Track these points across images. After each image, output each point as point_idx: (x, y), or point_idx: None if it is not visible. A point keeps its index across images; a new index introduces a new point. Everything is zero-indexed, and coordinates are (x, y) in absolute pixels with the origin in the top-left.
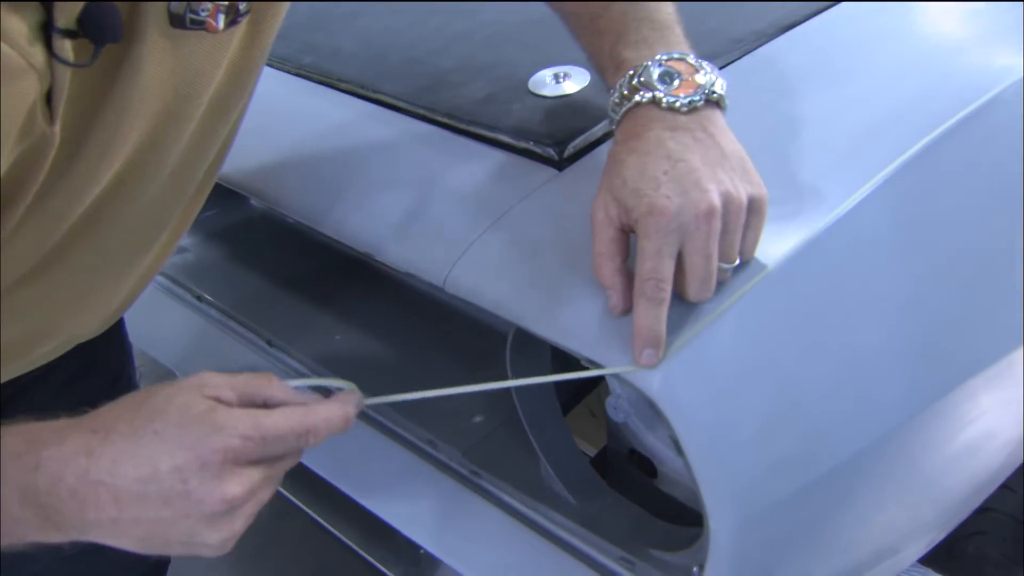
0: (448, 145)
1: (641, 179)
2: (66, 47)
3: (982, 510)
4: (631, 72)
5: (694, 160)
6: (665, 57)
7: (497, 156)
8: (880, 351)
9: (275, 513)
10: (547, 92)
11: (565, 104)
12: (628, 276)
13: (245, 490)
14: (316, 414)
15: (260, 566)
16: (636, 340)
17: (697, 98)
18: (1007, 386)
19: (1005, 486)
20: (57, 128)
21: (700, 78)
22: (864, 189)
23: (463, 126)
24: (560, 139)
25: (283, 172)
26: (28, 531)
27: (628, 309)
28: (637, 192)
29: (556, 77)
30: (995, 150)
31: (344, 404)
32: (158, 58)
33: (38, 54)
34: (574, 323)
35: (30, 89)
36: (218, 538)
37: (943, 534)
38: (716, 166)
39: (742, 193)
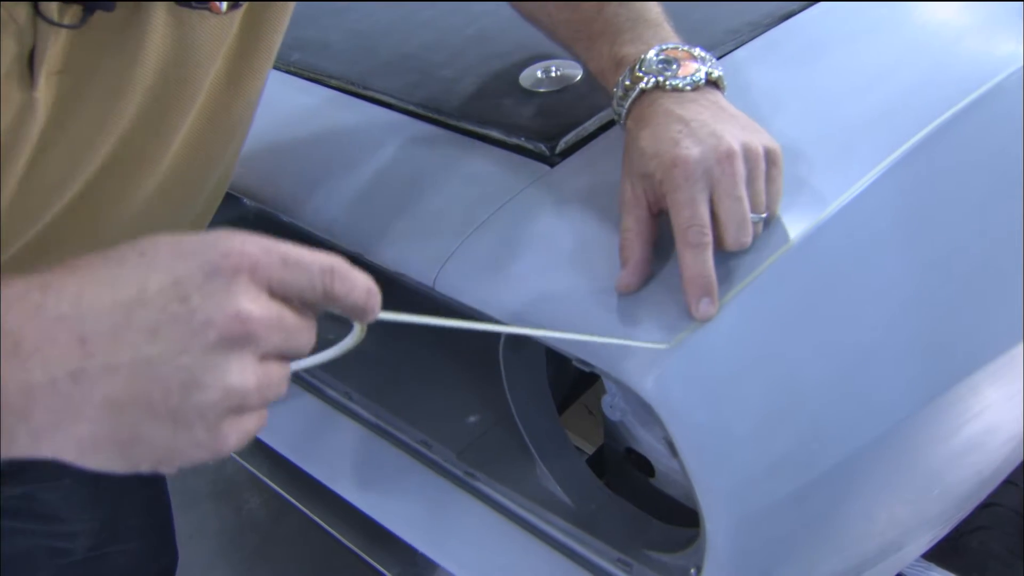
0: (438, 141)
1: (659, 143)
2: (52, 8)
3: (985, 505)
4: (632, 64)
5: (707, 117)
6: (663, 47)
7: (488, 152)
8: (880, 346)
9: (273, 513)
10: (539, 87)
11: (557, 99)
12: (649, 256)
13: (264, 314)
14: (343, 263)
15: (258, 566)
16: (691, 292)
17: (699, 78)
18: (1010, 380)
19: (1009, 481)
20: (39, 95)
21: (698, 63)
22: (863, 182)
23: (453, 122)
24: (552, 135)
25: (272, 170)
26: None
27: (639, 285)
28: (657, 155)
29: (548, 71)
30: (996, 140)
31: (368, 278)
32: (160, 33)
33: (21, 11)
34: (566, 324)
35: (7, 47)
36: (239, 378)
37: (947, 529)
38: (727, 123)
39: (757, 142)
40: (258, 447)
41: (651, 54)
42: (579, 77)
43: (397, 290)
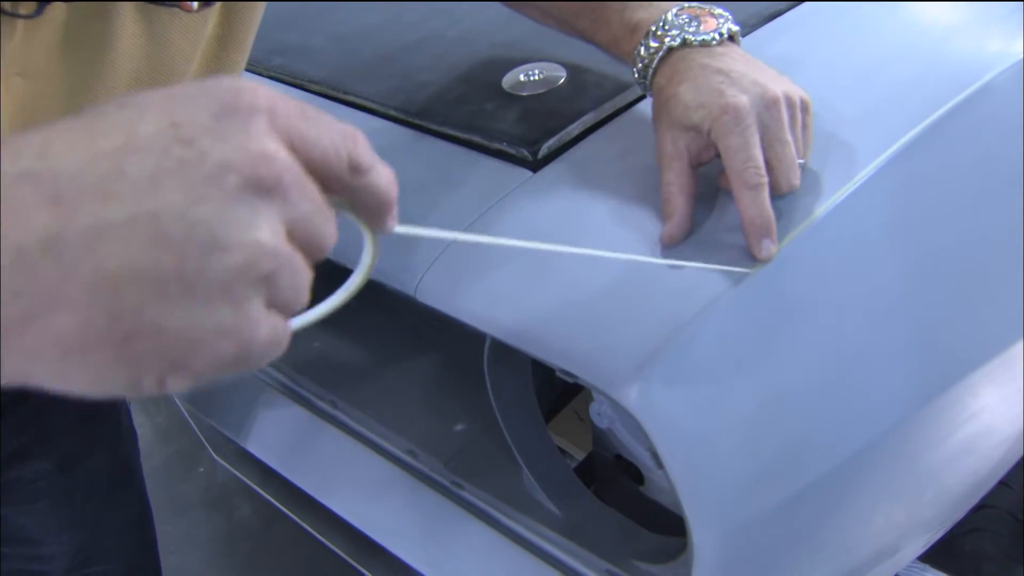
0: (419, 147)
1: (702, 95)
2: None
3: (980, 507)
4: (652, 27)
5: (743, 68)
6: (682, 6)
7: (470, 157)
8: (871, 351)
9: (264, 521)
10: (521, 90)
11: (540, 102)
12: (693, 209)
13: (295, 167)
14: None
15: (249, 574)
16: (752, 232)
17: (722, 32)
18: (1004, 381)
19: (1003, 483)
20: None
21: (716, 19)
22: (851, 183)
23: (435, 127)
24: (534, 139)
25: None
26: None
27: (683, 238)
28: (703, 106)
29: (530, 75)
30: (989, 138)
31: (390, 170)
32: (130, 32)
33: None
34: (548, 333)
35: None
36: (265, 228)
37: (941, 532)
38: (763, 72)
39: (793, 91)
40: (248, 455)
41: (670, 14)
42: (562, 80)
43: (384, 297)
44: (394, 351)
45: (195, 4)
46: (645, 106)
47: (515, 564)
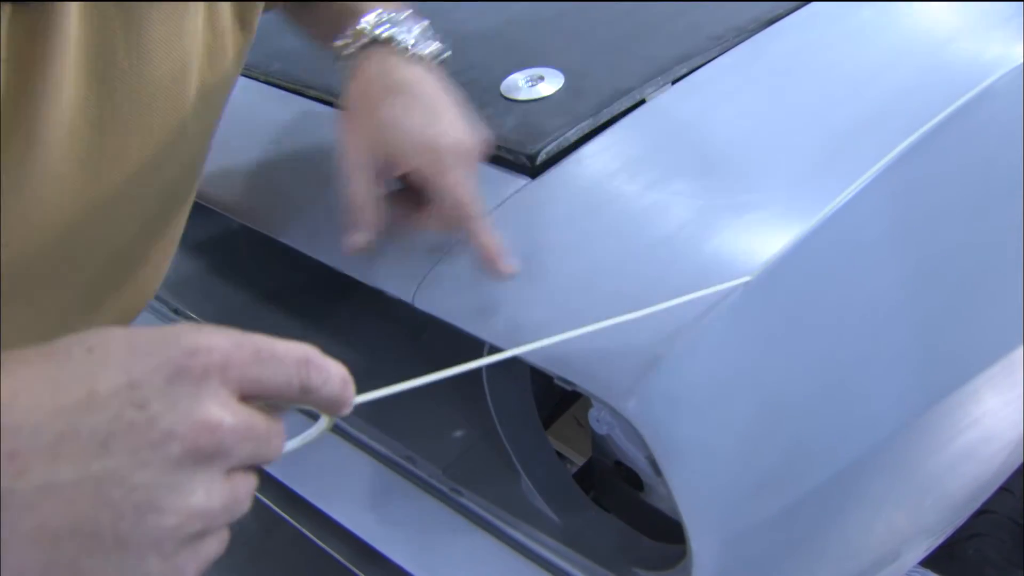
0: None
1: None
2: None
3: (981, 512)
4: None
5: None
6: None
7: None
8: (871, 358)
9: (264, 527)
10: (520, 96)
11: (538, 108)
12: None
13: (237, 423)
14: (316, 353)
15: None
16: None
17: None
18: (1005, 388)
19: (1004, 488)
20: None
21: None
22: (852, 188)
23: None
24: (533, 145)
25: (250, 183)
26: None
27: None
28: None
29: (529, 80)
30: (988, 142)
31: (341, 367)
32: (103, 22)
33: None
34: (548, 338)
35: None
36: (205, 499)
37: (942, 538)
38: None
39: None
40: None
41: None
42: (560, 86)
43: (384, 303)
44: (392, 357)
45: None
46: (643, 112)
47: (514, 570)
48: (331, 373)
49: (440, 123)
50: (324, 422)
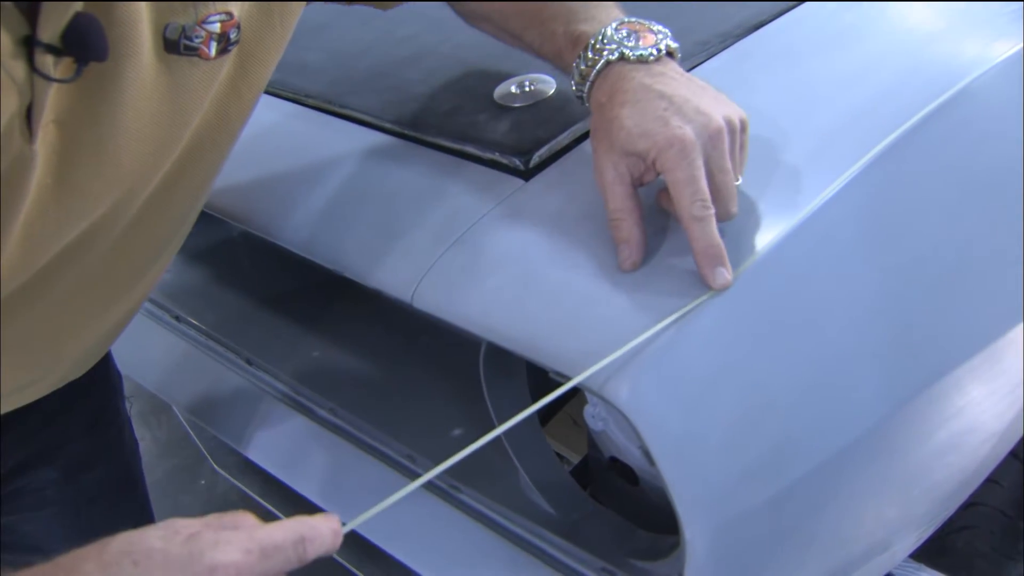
0: (414, 158)
1: (646, 122)
2: (48, 63)
3: (970, 504)
4: (592, 40)
5: (684, 93)
6: (622, 21)
7: (464, 167)
8: (855, 349)
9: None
10: (512, 102)
11: (531, 113)
12: (644, 231)
13: None
14: (307, 524)
15: None
16: (704, 263)
17: (660, 49)
18: (989, 378)
19: (993, 480)
20: (37, 147)
21: (655, 35)
22: (833, 186)
23: (429, 139)
24: (526, 149)
25: (250, 190)
26: None
27: (641, 261)
28: (647, 134)
29: (522, 86)
30: (968, 139)
31: (330, 520)
32: (152, 81)
33: (19, 68)
34: (542, 336)
35: (8, 102)
36: None
37: (932, 529)
38: (703, 96)
39: (734, 114)
40: (248, 466)
41: (610, 28)
42: (552, 91)
43: (383, 306)
44: (391, 358)
45: (212, 52)
46: None
47: (513, 565)
48: (324, 537)
49: (664, 116)
50: None
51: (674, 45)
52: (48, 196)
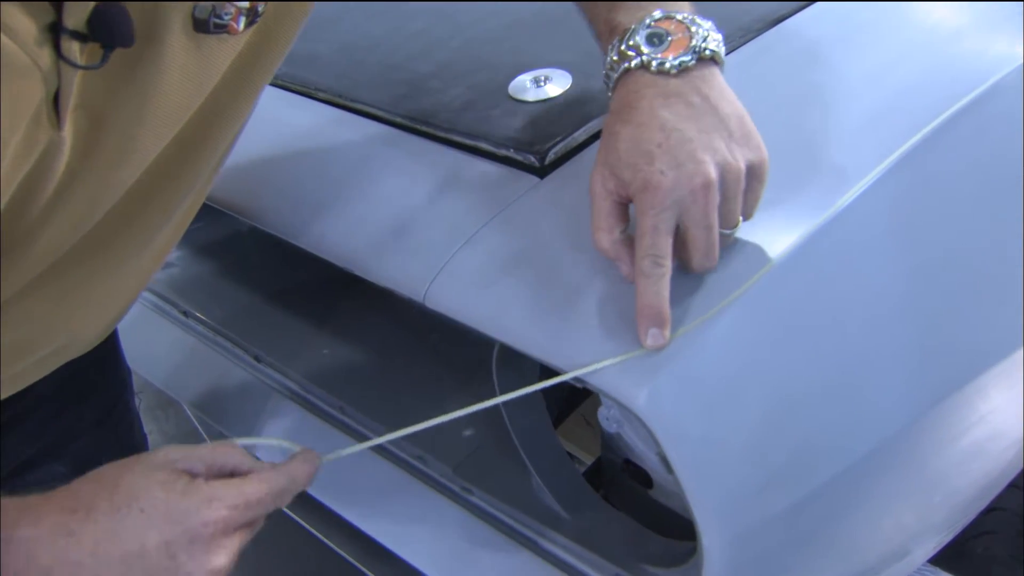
0: (427, 154)
1: (636, 153)
2: (74, 49)
3: (990, 510)
4: (619, 37)
5: (689, 130)
6: (655, 18)
7: (477, 164)
8: (878, 354)
9: (273, 526)
10: (527, 97)
11: (546, 109)
12: (630, 244)
13: (231, 559)
14: (287, 475)
15: None
16: (640, 321)
17: (688, 58)
18: (1013, 384)
19: (1013, 485)
20: (66, 133)
21: (691, 37)
22: (857, 188)
23: (442, 134)
24: (541, 145)
25: (260, 186)
26: None
27: (628, 276)
28: (633, 167)
29: (537, 81)
30: (995, 138)
31: (307, 462)
32: (180, 63)
33: (45, 55)
34: (556, 339)
35: (34, 90)
36: None
37: (951, 535)
38: (712, 133)
39: (740, 160)
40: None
41: (641, 27)
42: (568, 86)
43: (393, 303)
44: (402, 356)
45: (240, 27)
46: None
47: (525, 568)
48: (299, 484)
49: (652, 153)
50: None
51: (712, 51)
52: (75, 181)
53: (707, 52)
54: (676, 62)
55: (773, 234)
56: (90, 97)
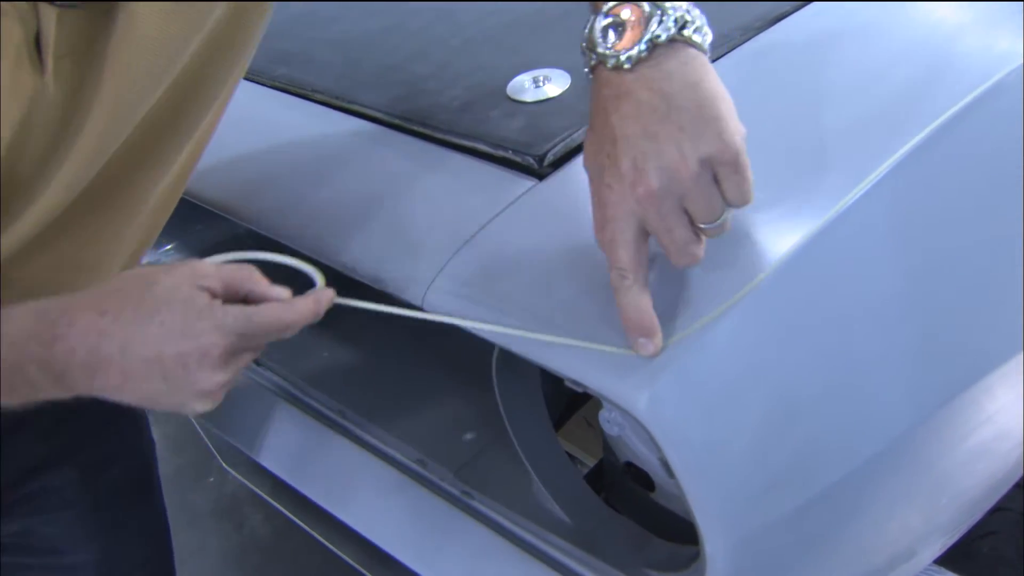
0: (425, 155)
1: (592, 163)
2: None
3: (996, 510)
4: (585, 29)
5: (634, 135)
6: (610, 6)
7: (475, 166)
8: (882, 357)
9: (274, 531)
10: (526, 97)
11: (545, 109)
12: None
13: (234, 375)
14: (295, 310)
15: None
16: (627, 332)
17: (639, 50)
18: (1018, 384)
19: (1019, 485)
20: (48, 77)
21: (647, 23)
22: (860, 187)
23: (440, 135)
24: (540, 147)
25: (256, 187)
26: (43, 391)
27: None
28: (591, 179)
29: (535, 81)
30: (998, 137)
31: (317, 301)
32: (159, 12)
33: None
34: (556, 344)
35: (12, 30)
36: (202, 407)
37: (957, 536)
38: (659, 133)
39: (689, 158)
40: (257, 465)
41: (598, 16)
42: (567, 86)
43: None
44: (402, 361)
45: None
46: None
47: (526, 572)
48: (305, 319)
49: (602, 166)
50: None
51: (685, 33)
52: (68, 132)
53: (661, 38)
54: (625, 57)
55: (775, 235)
56: (74, 44)
